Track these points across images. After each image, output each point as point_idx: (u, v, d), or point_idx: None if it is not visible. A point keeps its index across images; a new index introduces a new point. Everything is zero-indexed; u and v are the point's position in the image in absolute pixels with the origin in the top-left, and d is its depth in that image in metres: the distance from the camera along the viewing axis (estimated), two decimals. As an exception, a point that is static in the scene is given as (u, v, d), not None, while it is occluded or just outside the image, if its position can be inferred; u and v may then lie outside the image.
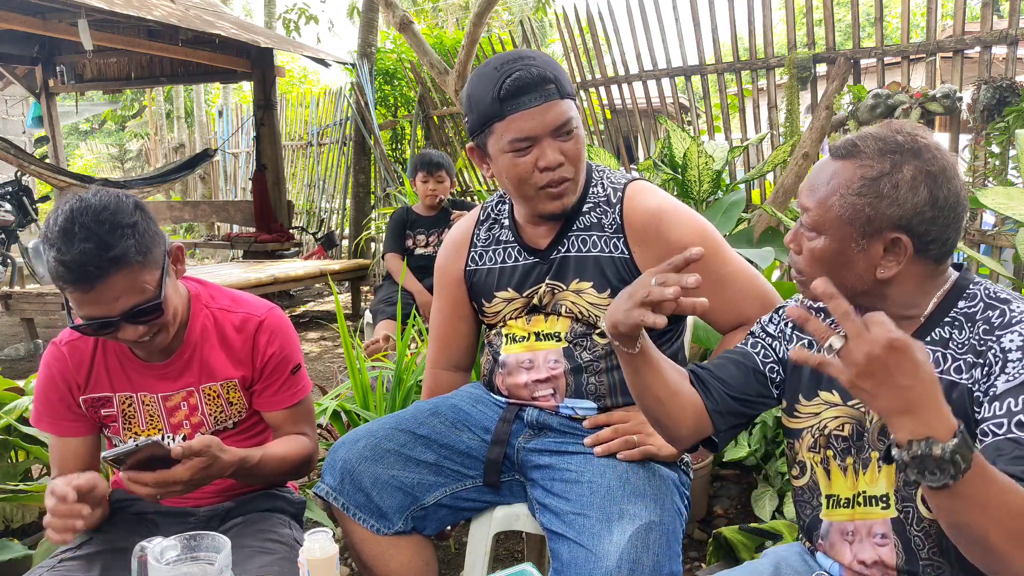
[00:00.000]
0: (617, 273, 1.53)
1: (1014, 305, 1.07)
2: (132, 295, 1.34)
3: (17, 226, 6.92)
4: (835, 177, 1.10)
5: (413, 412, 1.65)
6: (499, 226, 1.68)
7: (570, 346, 1.55)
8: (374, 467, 1.54)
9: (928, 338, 1.11)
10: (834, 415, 1.19)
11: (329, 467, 1.57)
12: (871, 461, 1.14)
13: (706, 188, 3.46)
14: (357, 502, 1.53)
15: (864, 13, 4.43)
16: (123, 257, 1.31)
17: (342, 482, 1.54)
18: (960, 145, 3.97)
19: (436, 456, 1.58)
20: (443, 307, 1.77)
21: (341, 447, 1.58)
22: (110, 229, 1.30)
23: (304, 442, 1.61)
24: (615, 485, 1.41)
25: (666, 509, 1.39)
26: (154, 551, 1.12)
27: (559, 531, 1.40)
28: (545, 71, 1.44)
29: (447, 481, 1.57)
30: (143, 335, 1.39)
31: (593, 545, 1.32)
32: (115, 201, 1.34)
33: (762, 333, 1.30)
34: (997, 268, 2.55)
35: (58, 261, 1.29)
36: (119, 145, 19.24)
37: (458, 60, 4.89)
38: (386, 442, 1.57)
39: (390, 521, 1.54)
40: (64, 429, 1.53)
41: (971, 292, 1.11)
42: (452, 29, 13.59)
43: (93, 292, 1.31)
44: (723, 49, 5.06)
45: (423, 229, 4.02)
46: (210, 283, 1.61)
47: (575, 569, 1.32)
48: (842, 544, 1.17)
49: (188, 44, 6.73)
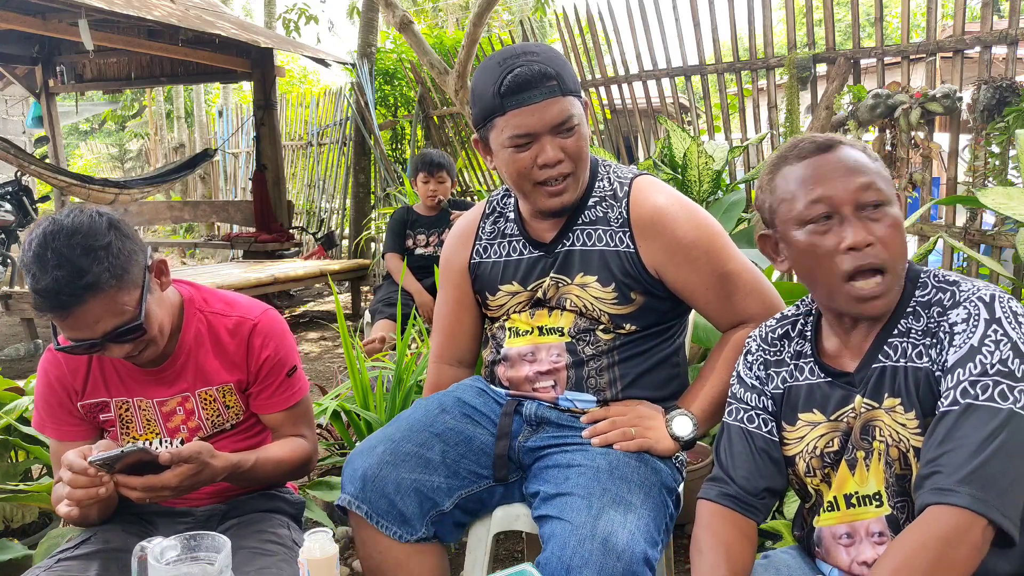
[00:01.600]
0: (622, 267, 1.53)
1: (963, 285, 1.10)
2: (111, 318, 1.33)
3: (17, 226, 6.93)
4: (855, 155, 1.13)
5: (423, 412, 1.64)
6: (504, 219, 1.69)
7: (573, 341, 1.56)
8: (396, 472, 1.51)
9: (896, 330, 1.13)
10: (819, 434, 1.19)
11: (349, 477, 1.53)
12: (857, 461, 1.15)
13: (706, 188, 3.46)
14: (380, 509, 1.50)
15: (864, 13, 4.43)
16: (96, 283, 1.29)
17: (364, 489, 1.50)
18: (960, 145, 3.97)
19: (454, 455, 1.56)
20: (448, 300, 1.77)
21: (358, 456, 1.55)
22: (82, 253, 1.29)
23: (302, 444, 1.60)
24: (604, 469, 1.42)
25: (651, 498, 1.40)
26: (154, 551, 1.12)
27: (545, 513, 1.41)
28: (547, 67, 1.44)
29: (463, 484, 1.56)
30: (131, 352, 1.40)
31: (571, 517, 1.33)
32: (88, 223, 1.32)
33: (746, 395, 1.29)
34: (997, 268, 2.55)
35: (33, 289, 1.29)
36: (119, 145, 19.24)
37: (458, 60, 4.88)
38: (404, 444, 1.55)
39: (413, 527, 1.51)
40: (66, 433, 1.53)
41: (923, 281, 1.14)
42: (452, 29, 13.59)
43: (71, 318, 1.30)
44: (723, 49, 5.06)
45: (423, 229, 4.02)
46: (203, 287, 1.60)
47: (553, 541, 1.33)
48: (836, 548, 1.18)
49: (188, 44, 6.72)
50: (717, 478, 1.27)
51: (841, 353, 1.19)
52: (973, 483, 0.97)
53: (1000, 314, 1.05)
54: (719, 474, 1.27)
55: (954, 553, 0.95)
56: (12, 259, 6.54)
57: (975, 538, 0.96)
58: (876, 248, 1.09)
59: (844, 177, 1.11)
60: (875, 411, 1.13)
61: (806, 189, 1.13)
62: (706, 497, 1.26)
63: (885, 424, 1.12)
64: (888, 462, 1.12)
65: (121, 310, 1.34)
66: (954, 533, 0.96)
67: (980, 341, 1.03)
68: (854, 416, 1.15)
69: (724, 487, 1.25)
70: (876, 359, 1.14)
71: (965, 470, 0.97)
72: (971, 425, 1.00)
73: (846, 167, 1.11)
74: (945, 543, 0.96)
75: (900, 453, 1.10)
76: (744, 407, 1.28)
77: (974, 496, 0.96)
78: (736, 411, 1.30)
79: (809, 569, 1.24)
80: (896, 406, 1.11)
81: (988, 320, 1.04)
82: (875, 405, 1.13)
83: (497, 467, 1.58)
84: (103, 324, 1.33)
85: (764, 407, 1.27)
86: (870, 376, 1.14)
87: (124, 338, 1.36)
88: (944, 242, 3.71)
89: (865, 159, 1.13)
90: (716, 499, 1.25)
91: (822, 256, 1.12)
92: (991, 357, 1.02)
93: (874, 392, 1.13)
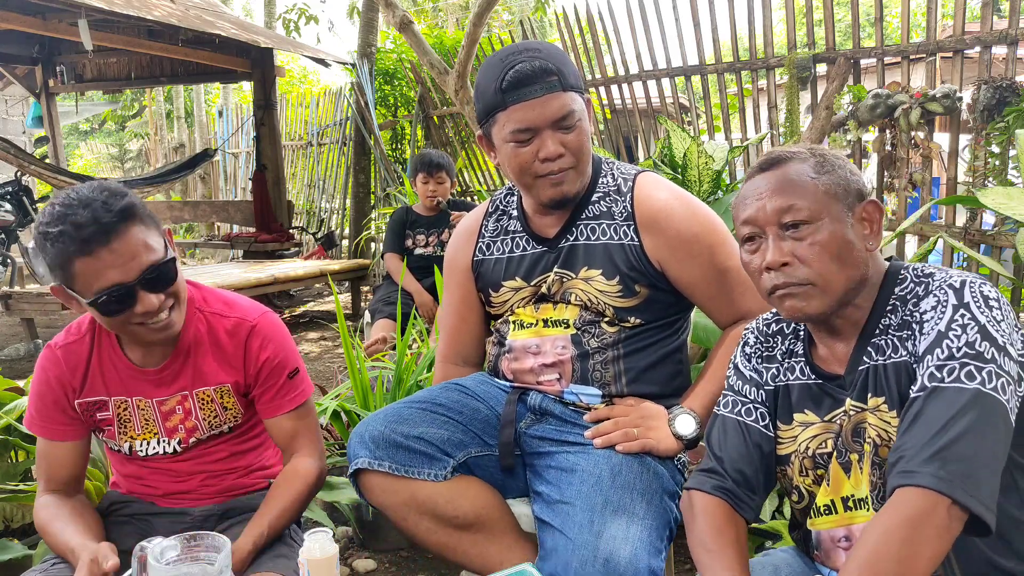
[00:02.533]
0: (627, 260, 1.54)
1: (937, 276, 1.10)
2: (147, 252, 1.34)
3: (17, 226, 6.91)
4: (790, 174, 1.13)
5: (424, 391, 1.65)
6: (507, 217, 1.70)
7: (578, 333, 1.56)
8: (401, 427, 1.50)
9: (877, 328, 1.13)
10: (812, 434, 1.19)
11: (358, 442, 1.51)
12: (851, 464, 1.14)
13: (706, 188, 3.46)
14: (401, 459, 1.47)
15: (864, 13, 4.43)
16: (131, 208, 1.33)
17: (377, 447, 1.48)
18: (960, 145, 3.97)
19: (459, 418, 1.56)
20: (452, 299, 1.78)
21: (361, 426, 1.53)
22: (110, 195, 1.33)
23: (307, 470, 1.53)
24: (605, 476, 1.41)
25: (652, 505, 1.39)
26: (154, 551, 1.12)
27: (546, 519, 1.41)
28: (548, 63, 1.46)
29: (472, 441, 1.55)
30: (160, 307, 1.38)
31: (573, 534, 1.32)
32: (103, 183, 1.37)
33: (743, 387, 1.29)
34: (997, 268, 2.55)
35: (72, 226, 1.27)
36: (119, 145, 19.25)
37: (458, 60, 4.88)
38: (405, 410, 1.55)
39: (443, 462, 1.49)
40: (56, 433, 1.51)
41: (902, 276, 1.14)
42: (452, 29, 13.59)
43: (108, 248, 1.30)
44: (723, 49, 5.06)
45: (423, 229, 4.02)
46: (204, 286, 1.59)
47: (554, 557, 1.33)
48: (836, 551, 1.17)
49: (188, 44, 6.73)
50: (711, 470, 1.24)
51: (830, 355, 1.19)
52: (935, 462, 0.94)
53: (969, 298, 1.04)
54: (713, 466, 1.25)
55: (919, 535, 0.93)
56: (12, 259, 6.55)
57: (940, 519, 0.93)
58: (787, 269, 1.11)
59: (769, 198, 1.12)
60: (863, 413, 1.13)
61: (739, 209, 1.17)
62: (700, 488, 1.23)
63: (871, 425, 1.11)
64: (875, 463, 1.11)
65: (154, 246, 1.35)
66: (918, 514, 0.94)
67: (947, 326, 1.03)
68: (846, 418, 1.15)
69: (720, 480, 1.23)
70: (861, 360, 1.14)
71: (929, 450, 0.96)
72: (936, 407, 0.98)
73: (771, 188, 1.13)
74: (910, 525, 0.93)
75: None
76: (742, 399, 1.27)
77: (936, 476, 0.94)
78: (732, 403, 1.28)
79: (808, 568, 1.23)
80: (880, 405, 1.10)
81: (956, 305, 1.04)
82: (862, 407, 1.13)
83: (503, 455, 1.57)
84: (139, 260, 1.33)
85: (761, 400, 1.26)
86: (858, 378, 1.14)
87: (159, 280, 1.36)
88: (944, 242, 3.71)
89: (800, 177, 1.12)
90: (712, 491, 1.22)
91: (752, 273, 1.17)
92: (957, 341, 1.01)
93: (860, 393, 1.13)
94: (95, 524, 1.47)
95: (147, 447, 1.54)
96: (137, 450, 1.54)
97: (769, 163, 1.16)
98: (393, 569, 2.28)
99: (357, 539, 2.41)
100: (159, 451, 1.54)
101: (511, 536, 1.53)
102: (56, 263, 1.32)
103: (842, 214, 1.11)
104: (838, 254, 1.10)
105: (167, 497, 1.57)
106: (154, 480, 1.57)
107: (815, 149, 1.16)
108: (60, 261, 1.30)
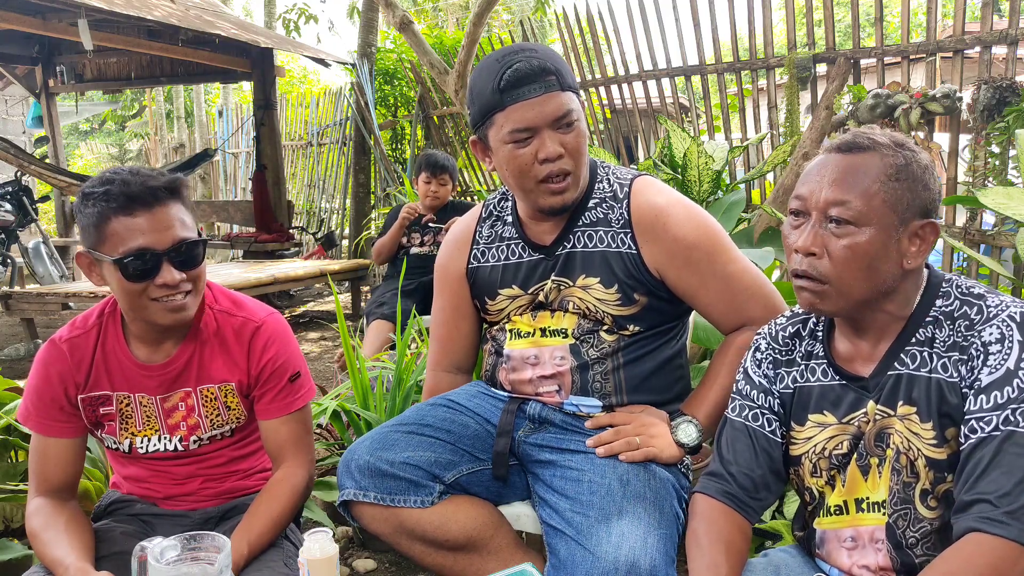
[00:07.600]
0: (624, 268, 1.52)
1: (990, 300, 1.09)
2: (182, 228, 1.39)
3: (17, 226, 6.91)
4: (865, 167, 1.09)
5: (412, 410, 1.64)
6: (502, 223, 1.67)
7: (577, 343, 1.55)
8: (386, 453, 1.49)
9: (914, 338, 1.12)
10: (829, 435, 1.19)
11: (344, 472, 1.52)
12: (871, 468, 1.14)
13: (706, 188, 3.46)
14: (386, 488, 1.47)
15: (864, 13, 4.43)
16: (179, 186, 1.40)
17: (362, 476, 1.48)
18: (960, 145, 3.97)
19: (448, 437, 1.55)
20: (444, 307, 1.75)
21: (348, 453, 1.53)
22: (160, 173, 1.41)
23: (291, 482, 1.51)
24: (615, 486, 1.40)
25: (665, 514, 1.39)
26: (154, 551, 1.12)
27: (558, 527, 1.40)
28: (546, 63, 1.45)
29: (462, 459, 1.54)
30: (179, 285, 1.39)
31: (592, 545, 1.32)
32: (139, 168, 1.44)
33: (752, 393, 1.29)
34: (997, 268, 2.55)
35: (121, 184, 1.34)
36: (119, 145, 19.24)
37: (458, 60, 4.89)
38: (392, 434, 1.54)
39: (429, 488, 1.48)
40: (51, 429, 1.49)
41: (945, 290, 1.13)
42: (452, 29, 13.59)
43: (149, 212, 1.35)
44: (723, 49, 5.06)
45: (420, 228, 4.02)
46: (214, 284, 1.59)
47: (572, 567, 1.32)
48: (839, 550, 1.18)
49: (188, 44, 6.72)
50: (717, 474, 1.27)
51: (854, 356, 1.19)
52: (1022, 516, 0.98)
53: None
54: (719, 470, 1.27)
55: None
56: (12, 259, 6.55)
57: (1020, 570, 0.98)
58: (813, 260, 1.11)
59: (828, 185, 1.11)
60: (889, 418, 1.13)
61: (801, 180, 1.16)
62: (705, 492, 1.26)
63: (897, 431, 1.12)
64: (896, 469, 1.12)
65: (189, 225, 1.41)
66: (1003, 564, 0.97)
67: (1016, 364, 1.03)
68: (866, 421, 1.15)
69: (725, 485, 1.25)
70: (892, 366, 1.13)
71: (1017, 503, 0.98)
72: (1016, 454, 1.00)
73: (834, 176, 1.11)
74: (994, 572, 0.97)
75: (909, 461, 1.10)
76: (750, 405, 1.28)
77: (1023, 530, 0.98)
78: (741, 408, 1.29)
79: (808, 568, 1.24)
80: (911, 414, 1.10)
81: (1023, 342, 1.04)
82: (889, 412, 1.13)
83: (496, 464, 1.56)
84: (174, 231, 1.38)
85: (770, 407, 1.26)
86: (885, 383, 1.13)
87: (187, 258, 1.40)
88: (944, 242, 3.71)
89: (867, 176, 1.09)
90: (716, 495, 1.25)
91: (786, 245, 1.17)
92: None
93: (889, 399, 1.13)
94: (88, 539, 1.42)
95: (147, 444, 1.53)
96: (137, 447, 1.53)
97: (849, 146, 1.12)
98: (393, 569, 2.28)
99: (357, 539, 2.41)
100: (159, 448, 1.53)
101: (508, 550, 1.53)
102: (92, 222, 1.35)
103: (892, 226, 1.08)
104: (868, 264, 1.09)
105: (167, 500, 1.57)
106: (154, 483, 1.57)
107: (904, 148, 1.11)
108: (96, 220, 1.35)
